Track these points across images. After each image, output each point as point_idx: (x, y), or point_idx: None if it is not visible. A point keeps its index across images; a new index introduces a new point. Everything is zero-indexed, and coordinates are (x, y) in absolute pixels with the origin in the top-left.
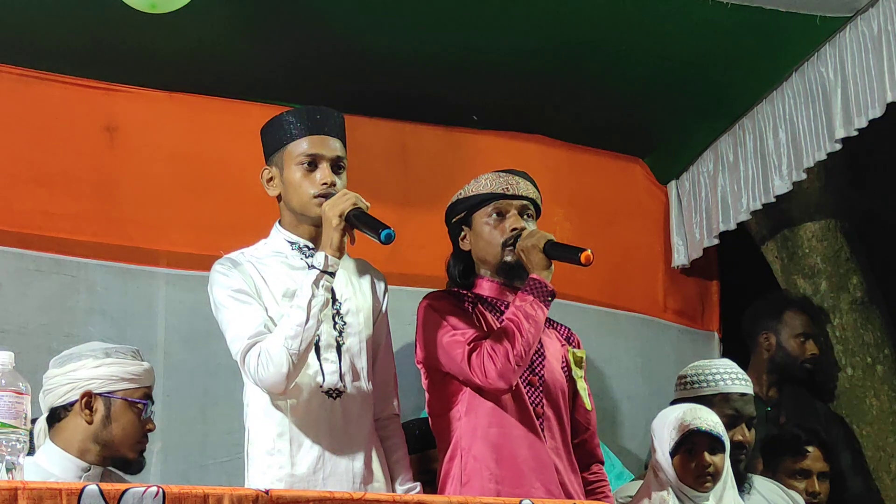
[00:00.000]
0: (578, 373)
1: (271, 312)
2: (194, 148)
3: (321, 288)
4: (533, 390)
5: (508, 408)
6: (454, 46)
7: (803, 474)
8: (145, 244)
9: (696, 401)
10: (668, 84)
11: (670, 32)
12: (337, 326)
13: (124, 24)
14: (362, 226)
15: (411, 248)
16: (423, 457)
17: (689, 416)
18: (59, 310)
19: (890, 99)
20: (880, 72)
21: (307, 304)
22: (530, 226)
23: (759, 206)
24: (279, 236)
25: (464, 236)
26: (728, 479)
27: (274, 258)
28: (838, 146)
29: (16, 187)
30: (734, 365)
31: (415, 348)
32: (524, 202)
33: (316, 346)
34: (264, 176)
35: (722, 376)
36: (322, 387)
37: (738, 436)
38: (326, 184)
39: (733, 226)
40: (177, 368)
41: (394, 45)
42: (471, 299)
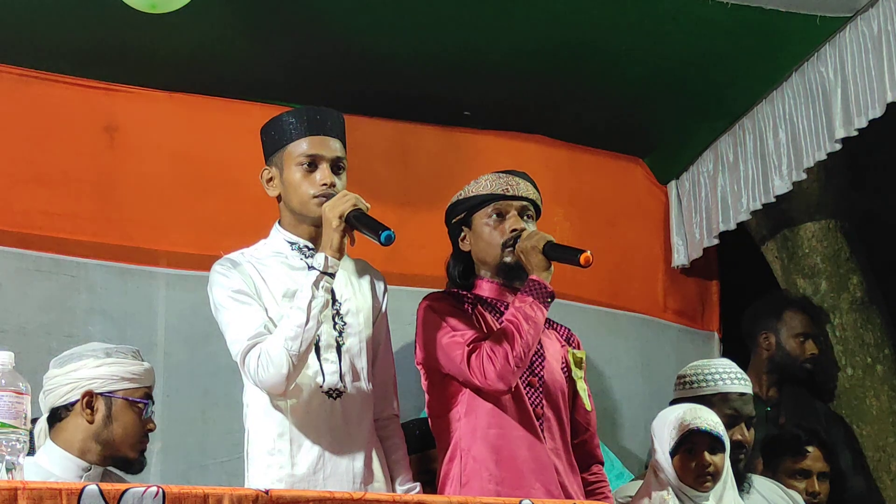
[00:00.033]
0: (578, 373)
1: (271, 313)
2: (194, 148)
3: (321, 289)
4: (533, 391)
5: (508, 409)
6: (454, 46)
7: (803, 474)
8: (145, 244)
9: (695, 400)
10: (668, 84)
11: (670, 32)
12: (337, 327)
13: (124, 24)
14: (362, 227)
15: (411, 248)
16: (423, 457)
17: (690, 415)
18: (59, 310)
19: (890, 99)
20: (880, 72)
21: (307, 305)
22: (530, 227)
23: (759, 206)
24: (279, 236)
25: (464, 237)
26: (728, 478)
27: (274, 258)
28: (838, 146)
29: (16, 187)
30: (733, 364)
31: (414, 349)
32: (524, 203)
33: (316, 346)
34: (264, 176)
35: (721, 376)
36: (322, 387)
37: (738, 435)
38: (326, 184)
39: (733, 226)
40: (177, 368)
41: (394, 45)
42: (470, 300)
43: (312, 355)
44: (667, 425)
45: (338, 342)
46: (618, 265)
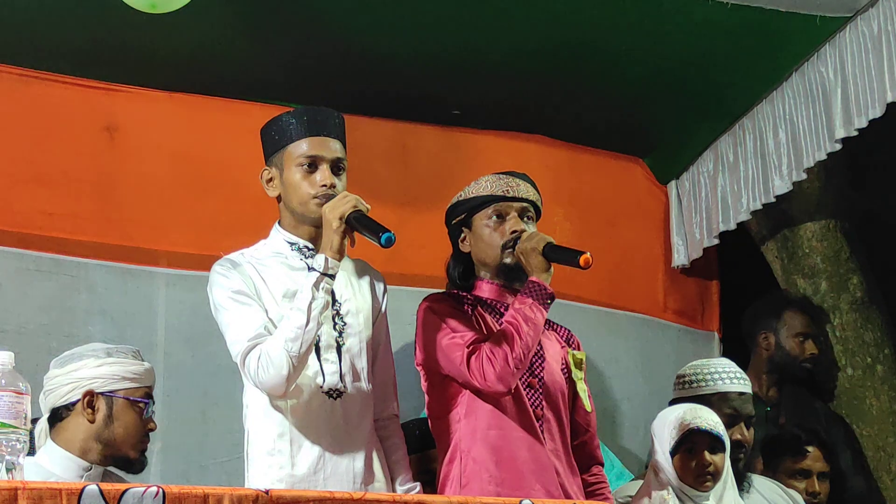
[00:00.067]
0: (578, 374)
1: (271, 314)
2: (194, 148)
3: (321, 290)
4: (532, 392)
5: (508, 410)
6: (454, 46)
7: (803, 474)
8: (145, 244)
9: (694, 400)
10: (668, 84)
11: (670, 32)
12: (337, 327)
13: (124, 24)
14: (363, 229)
15: (411, 249)
16: (423, 457)
17: (690, 415)
18: (59, 310)
19: (890, 99)
20: (880, 72)
21: (307, 306)
22: (530, 228)
23: (759, 206)
24: (279, 237)
25: (464, 238)
26: (728, 478)
27: (273, 259)
28: (838, 146)
29: (16, 187)
30: (732, 364)
31: (414, 350)
32: (524, 204)
33: (316, 346)
34: (264, 176)
35: (720, 375)
36: (322, 387)
37: (737, 435)
38: (326, 185)
39: (733, 226)
40: (177, 368)
41: (394, 45)
42: (470, 301)
43: (312, 356)
44: (667, 425)
45: (338, 342)
46: (618, 265)
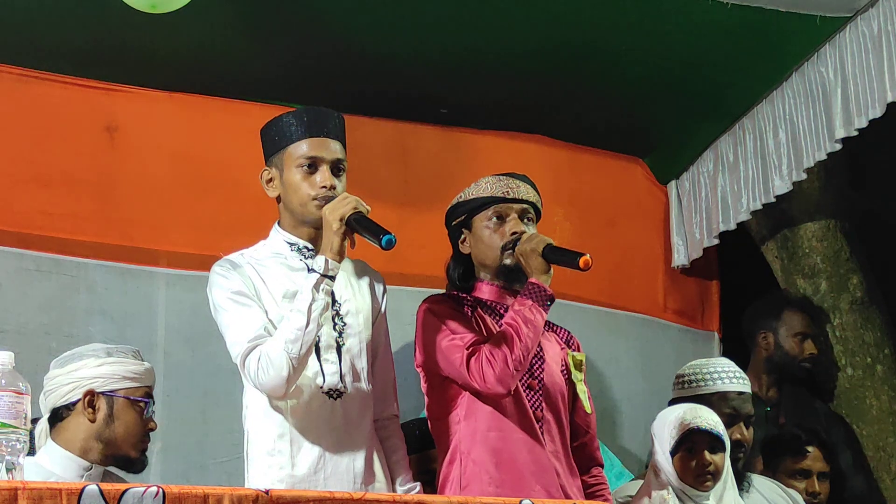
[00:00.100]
0: (578, 376)
1: (271, 314)
2: (194, 148)
3: (321, 292)
4: (532, 394)
5: (508, 411)
6: (454, 47)
7: (803, 474)
8: (145, 244)
9: (693, 400)
10: (668, 84)
11: (670, 32)
12: (337, 327)
13: (124, 24)
14: (363, 230)
15: (411, 249)
16: (423, 457)
17: (690, 415)
18: (59, 310)
19: (890, 99)
20: (880, 72)
21: (307, 308)
22: (530, 229)
23: (759, 206)
24: (278, 237)
25: (464, 239)
26: (728, 478)
27: (273, 259)
28: (838, 146)
29: (16, 187)
30: (732, 363)
31: (414, 351)
32: (524, 206)
33: (316, 347)
34: (264, 177)
35: (720, 375)
36: (322, 388)
37: (737, 434)
38: (326, 186)
39: (733, 226)
40: (177, 368)
41: (394, 45)
42: (470, 303)
43: (312, 356)
44: (667, 425)
45: (338, 343)
46: (618, 265)
